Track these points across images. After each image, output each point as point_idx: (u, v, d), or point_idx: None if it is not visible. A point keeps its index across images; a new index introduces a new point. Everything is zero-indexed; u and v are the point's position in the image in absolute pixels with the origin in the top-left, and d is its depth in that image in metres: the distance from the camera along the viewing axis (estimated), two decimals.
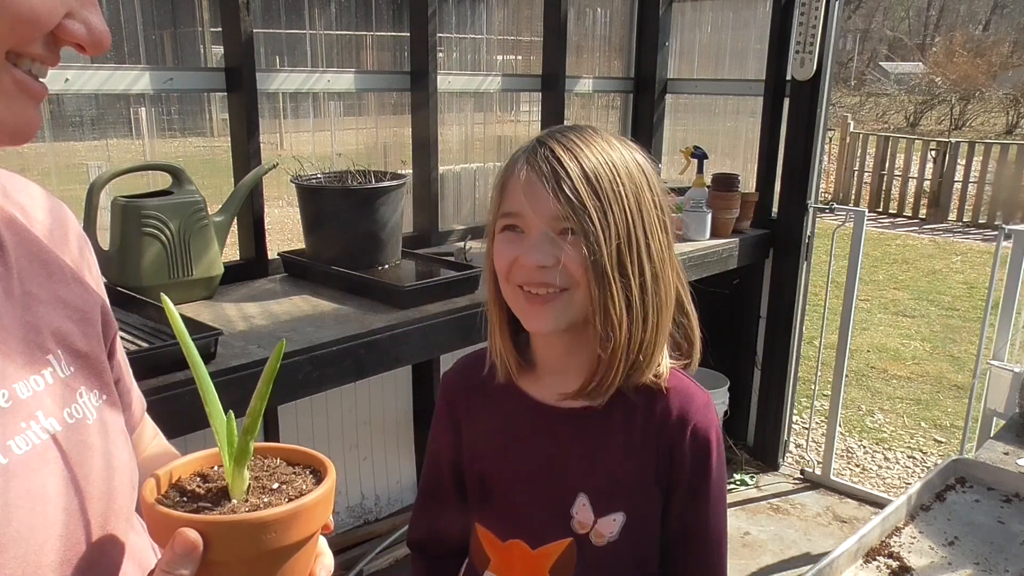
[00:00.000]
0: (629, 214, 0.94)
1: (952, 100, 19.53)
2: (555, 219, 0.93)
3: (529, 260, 0.94)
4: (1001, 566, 1.19)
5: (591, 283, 0.93)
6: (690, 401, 1.02)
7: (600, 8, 3.45)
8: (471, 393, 1.10)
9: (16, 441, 0.57)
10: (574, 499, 1.02)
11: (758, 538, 2.86)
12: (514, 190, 0.96)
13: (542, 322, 0.97)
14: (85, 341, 0.68)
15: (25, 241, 0.67)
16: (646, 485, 1.02)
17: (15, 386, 0.59)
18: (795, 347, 3.26)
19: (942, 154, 9.52)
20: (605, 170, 0.94)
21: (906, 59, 24.62)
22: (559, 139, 0.95)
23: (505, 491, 1.06)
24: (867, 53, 27.62)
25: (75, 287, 0.69)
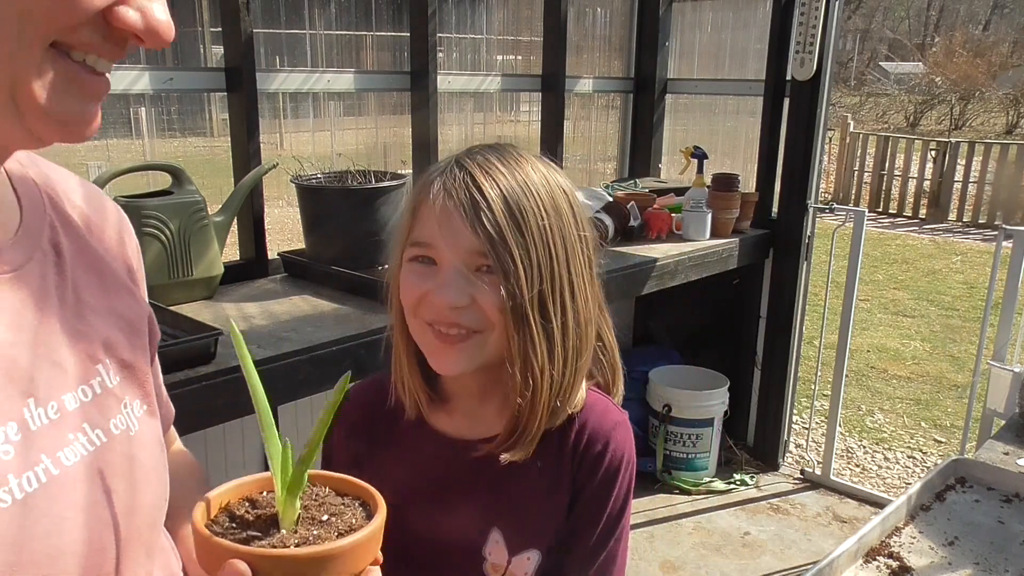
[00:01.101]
0: (553, 251, 0.86)
1: (952, 100, 19.53)
2: (472, 254, 0.84)
3: (441, 299, 0.85)
4: (1001, 566, 1.19)
5: (509, 326, 0.85)
6: (602, 419, 0.96)
7: (600, 8, 3.45)
8: (374, 429, 0.99)
9: (65, 452, 0.57)
10: (487, 537, 0.94)
11: (758, 538, 2.86)
12: (427, 217, 0.86)
13: (451, 364, 0.89)
14: (131, 351, 0.67)
15: (83, 250, 0.66)
16: (559, 517, 0.95)
17: (64, 397, 0.59)
18: (795, 347, 3.26)
19: (942, 154, 9.52)
20: (529, 201, 0.85)
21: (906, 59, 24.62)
22: (479, 162, 0.86)
23: (414, 536, 0.94)
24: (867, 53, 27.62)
25: (126, 297, 0.69)
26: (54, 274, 0.61)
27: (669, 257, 2.63)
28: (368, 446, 1.00)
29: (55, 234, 0.63)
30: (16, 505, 0.52)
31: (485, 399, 0.96)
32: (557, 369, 0.88)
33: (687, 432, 3.15)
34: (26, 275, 0.58)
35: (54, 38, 0.50)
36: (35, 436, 0.55)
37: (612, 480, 0.95)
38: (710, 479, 3.21)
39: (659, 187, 3.21)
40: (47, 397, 0.57)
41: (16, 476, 0.52)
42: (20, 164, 0.64)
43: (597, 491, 0.95)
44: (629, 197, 2.91)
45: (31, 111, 0.51)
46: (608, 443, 0.95)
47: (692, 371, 3.32)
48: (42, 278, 0.60)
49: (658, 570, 2.68)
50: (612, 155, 3.72)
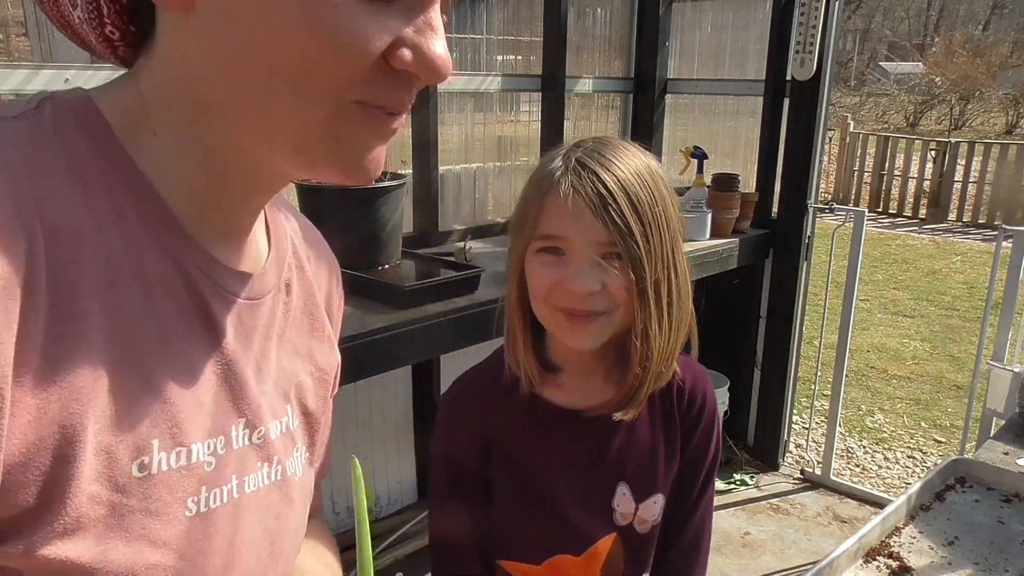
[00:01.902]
0: (667, 235, 0.97)
1: (952, 100, 19.54)
2: (601, 244, 0.93)
3: (577, 287, 0.94)
4: (1001, 566, 1.19)
5: (634, 305, 0.95)
6: (696, 375, 1.12)
7: (600, 8, 3.45)
8: (493, 404, 1.07)
9: (249, 479, 0.59)
10: (615, 491, 1.06)
11: (758, 538, 2.86)
12: (557, 212, 0.95)
13: (584, 342, 0.98)
14: (315, 400, 0.69)
15: (305, 293, 0.68)
16: (676, 464, 1.09)
17: (270, 425, 0.61)
18: (795, 347, 3.26)
19: (942, 154, 9.52)
20: (644, 192, 0.95)
21: (906, 59, 24.62)
22: (597, 158, 0.95)
23: (546, 503, 1.05)
24: (867, 53, 27.63)
25: (327, 347, 0.71)
26: (281, 312, 0.64)
27: None
28: (492, 426, 1.07)
29: (290, 272, 0.66)
30: (198, 517, 0.53)
31: (592, 371, 1.05)
32: (666, 338, 0.99)
33: None
34: (263, 306, 0.61)
35: (350, 95, 0.50)
36: (233, 455, 0.57)
37: (711, 424, 1.12)
38: None
39: None
40: (258, 422, 0.60)
41: (208, 490, 0.54)
42: (277, 211, 0.67)
43: (702, 437, 1.11)
44: None
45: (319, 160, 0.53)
46: (705, 395, 1.11)
47: None
48: (271, 313, 0.63)
49: None
50: None
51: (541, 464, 1.05)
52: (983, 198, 9.24)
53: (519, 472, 1.06)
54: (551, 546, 1.06)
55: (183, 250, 0.54)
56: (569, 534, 1.05)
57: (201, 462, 0.54)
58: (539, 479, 1.05)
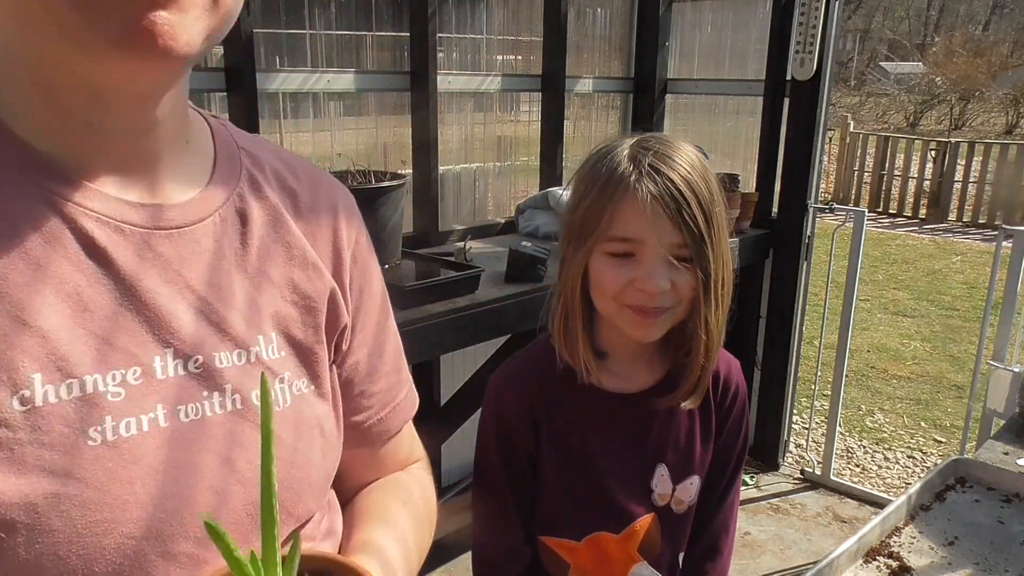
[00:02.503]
0: (724, 234, 1.02)
1: (952, 100, 19.54)
2: (674, 246, 0.99)
3: (651, 287, 0.99)
4: (1001, 566, 1.18)
5: (699, 302, 1.01)
6: (730, 366, 1.19)
7: (600, 8, 3.45)
8: (544, 389, 1.12)
9: (187, 408, 0.58)
10: (654, 472, 1.11)
11: (758, 538, 2.86)
12: (634, 216, 0.98)
13: (651, 334, 1.04)
14: (303, 329, 0.67)
15: (276, 223, 0.68)
16: (711, 445, 1.15)
17: (215, 354, 0.60)
18: (795, 347, 3.26)
19: (942, 154, 9.52)
20: (708, 194, 1.00)
21: (906, 59, 24.62)
22: (668, 163, 0.99)
23: (589, 482, 1.10)
24: (867, 53, 27.63)
25: (311, 273, 0.69)
26: (236, 241, 0.64)
27: None
28: (543, 410, 1.12)
29: (244, 204, 0.66)
30: (104, 446, 0.53)
31: (638, 357, 1.12)
32: (720, 329, 1.06)
33: None
34: (191, 234, 0.61)
35: None
36: (158, 385, 0.56)
37: (742, 412, 1.19)
38: None
39: None
40: (192, 351, 0.59)
41: (115, 419, 0.54)
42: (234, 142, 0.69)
43: (734, 424, 1.18)
44: None
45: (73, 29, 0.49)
46: (738, 385, 1.19)
47: None
48: (214, 241, 0.62)
49: None
50: None
51: (586, 445, 1.10)
52: (983, 198, 9.24)
53: (564, 451, 1.11)
54: (592, 524, 1.11)
55: (55, 187, 0.54)
56: (609, 513, 1.11)
57: (100, 392, 0.53)
58: (583, 459, 1.10)
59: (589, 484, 1.11)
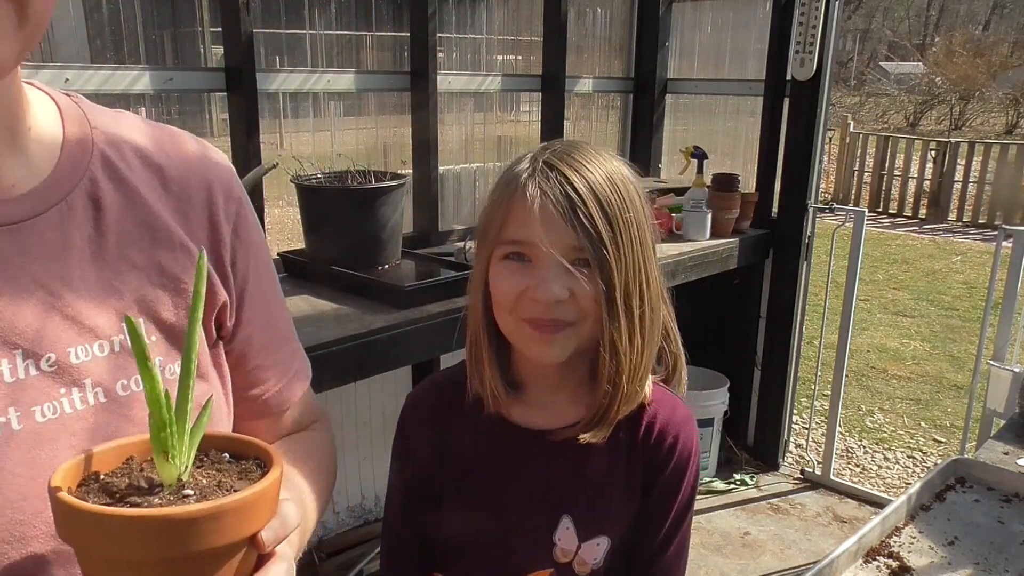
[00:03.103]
0: (636, 241, 0.91)
1: (952, 100, 19.53)
2: (569, 249, 0.88)
3: (543, 294, 0.88)
4: (1001, 566, 1.18)
5: (602, 315, 0.90)
6: (672, 413, 1.01)
7: (600, 8, 3.45)
8: (452, 418, 1.02)
9: (43, 408, 0.56)
10: (557, 523, 0.98)
11: (758, 538, 2.86)
12: (523, 216, 0.89)
13: (551, 354, 0.92)
14: (174, 312, 0.65)
15: (136, 204, 0.65)
16: (630, 505, 0.99)
17: (70, 350, 0.58)
18: (795, 347, 3.26)
19: (942, 154, 9.52)
20: (615, 197, 0.90)
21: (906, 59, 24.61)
22: (567, 161, 0.91)
23: (490, 526, 0.99)
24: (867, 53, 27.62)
25: (179, 254, 0.67)
26: (89, 228, 0.61)
27: (669, 257, 2.63)
28: (449, 440, 1.02)
29: (95, 188, 0.63)
30: None
31: (558, 389, 0.99)
32: (637, 354, 0.93)
33: None
34: (33, 227, 0.58)
35: None
36: (7, 389, 0.54)
37: (683, 471, 1.00)
38: (710, 479, 3.21)
39: (659, 187, 3.21)
40: (43, 349, 0.57)
41: None
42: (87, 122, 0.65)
43: (669, 482, 0.99)
44: None
45: None
46: (679, 436, 1.00)
47: (692, 371, 3.25)
48: (61, 231, 0.60)
49: None
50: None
51: (489, 484, 1.00)
52: (983, 198, 9.24)
53: (467, 489, 1.01)
54: (486, 569, 1.01)
55: None
56: (504, 561, 0.99)
57: None
58: (486, 500, 1.00)
59: (489, 527, 0.99)
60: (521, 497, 0.99)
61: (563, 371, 0.97)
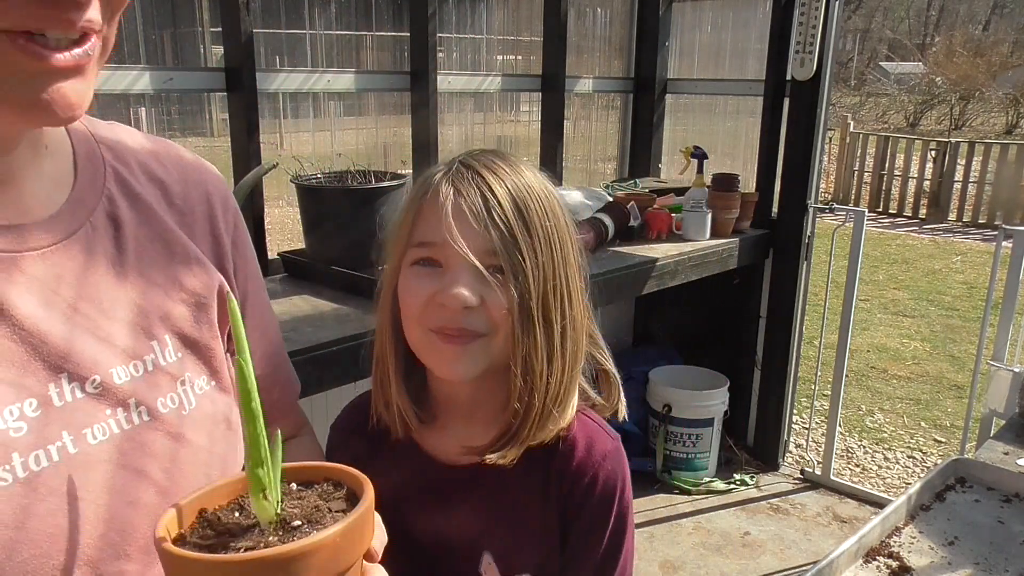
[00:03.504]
0: (555, 252, 0.86)
1: (952, 100, 19.53)
2: (481, 253, 0.82)
3: (452, 299, 0.81)
4: (1001, 566, 1.18)
5: (514, 328, 0.83)
6: (591, 448, 0.92)
7: (600, 8, 3.45)
8: (364, 444, 0.96)
9: (93, 429, 0.56)
10: (480, 560, 0.93)
11: (758, 538, 2.86)
12: (434, 216, 0.83)
13: (459, 368, 0.85)
14: (196, 327, 0.66)
15: (151, 220, 0.65)
16: (550, 540, 0.92)
17: (112, 371, 0.58)
18: (795, 347, 3.26)
19: (942, 154, 9.52)
20: (533, 203, 0.85)
21: (906, 59, 24.62)
22: (484, 163, 0.86)
23: (409, 553, 0.92)
24: (867, 53, 27.62)
25: (196, 269, 0.67)
26: (111, 247, 0.61)
27: (669, 257, 2.63)
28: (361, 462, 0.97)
29: (113, 207, 0.63)
30: (18, 484, 0.51)
31: (473, 415, 0.93)
32: (555, 375, 0.86)
33: (687, 432, 3.15)
34: (64, 250, 0.58)
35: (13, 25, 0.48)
36: (58, 412, 0.54)
37: (607, 505, 0.92)
38: (710, 479, 3.21)
39: (659, 187, 3.21)
40: (87, 372, 0.57)
41: (22, 455, 0.52)
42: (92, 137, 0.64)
43: (593, 517, 0.92)
44: (629, 197, 2.91)
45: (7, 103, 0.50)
46: (597, 475, 0.91)
47: (692, 371, 3.32)
48: (88, 253, 0.59)
49: (658, 570, 2.68)
50: (612, 155, 3.72)
51: (403, 519, 0.92)
52: (983, 198, 9.24)
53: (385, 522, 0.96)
54: None
55: None
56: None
57: (4, 430, 0.52)
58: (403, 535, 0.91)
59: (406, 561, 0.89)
60: (439, 535, 0.93)
61: (478, 394, 0.91)
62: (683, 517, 3.00)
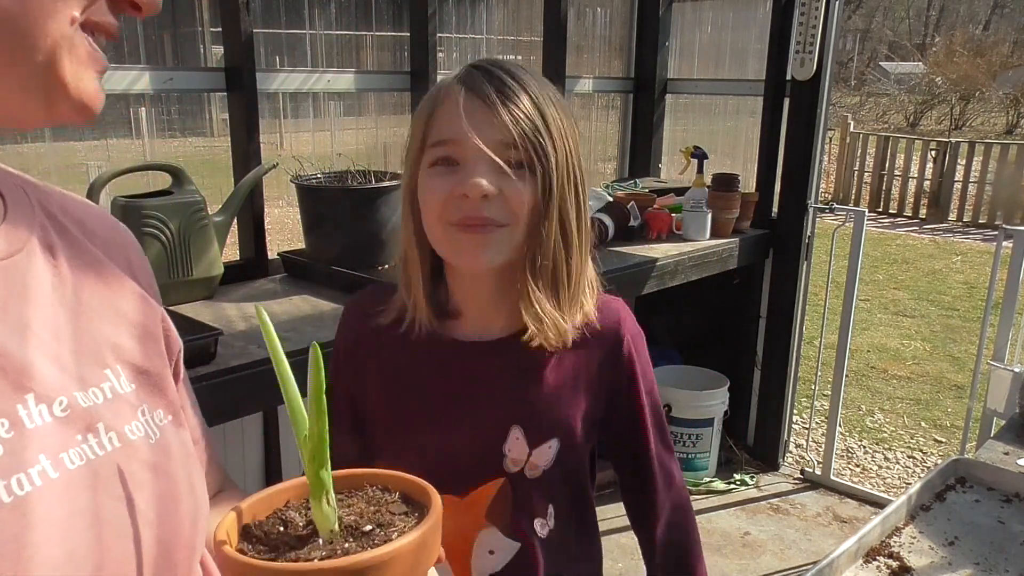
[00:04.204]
0: (570, 150, 0.88)
1: (952, 100, 19.53)
2: (501, 146, 0.83)
3: (472, 188, 0.82)
4: (1001, 566, 1.18)
5: (538, 220, 0.86)
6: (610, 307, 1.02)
7: (600, 8, 3.45)
8: (378, 334, 0.97)
9: (70, 454, 0.52)
10: (507, 434, 0.95)
11: (758, 538, 2.86)
12: (450, 115, 0.84)
13: (482, 258, 0.86)
14: (146, 357, 0.63)
15: (82, 253, 0.62)
16: (579, 405, 0.98)
17: (76, 394, 0.55)
18: (795, 347, 3.26)
19: (942, 154, 9.52)
20: (549, 100, 0.86)
21: (906, 59, 24.62)
22: (498, 64, 0.87)
23: (426, 440, 0.95)
24: (867, 53, 27.62)
25: (135, 301, 0.64)
26: (51, 275, 0.58)
27: (669, 257, 2.63)
28: (369, 354, 0.98)
29: (47, 236, 0.60)
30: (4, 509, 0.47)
31: (496, 307, 0.95)
32: (577, 265, 0.91)
33: (687, 432, 3.15)
34: (12, 267, 0.55)
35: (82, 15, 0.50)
36: (32, 434, 0.51)
37: (641, 354, 1.03)
38: (710, 479, 3.21)
39: (659, 187, 3.21)
40: (53, 392, 0.53)
41: (3, 478, 0.48)
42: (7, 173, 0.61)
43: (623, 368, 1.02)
44: (629, 197, 2.91)
45: (59, 90, 0.51)
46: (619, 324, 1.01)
47: (692, 371, 3.32)
48: (30, 277, 0.56)
49: None
50: (612, 155, 3.72)
51: (424, 402, 0.96)
52: (983, 198, 9.24)
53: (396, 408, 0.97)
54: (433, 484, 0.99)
55: None
56: (452, 478, 0.93)
57: None
58: (420, 419, 0.96)
59: (435, 447, 0.94)
60: (466, 415, 0.96)
61: (499, 286, 0.93)
62: None
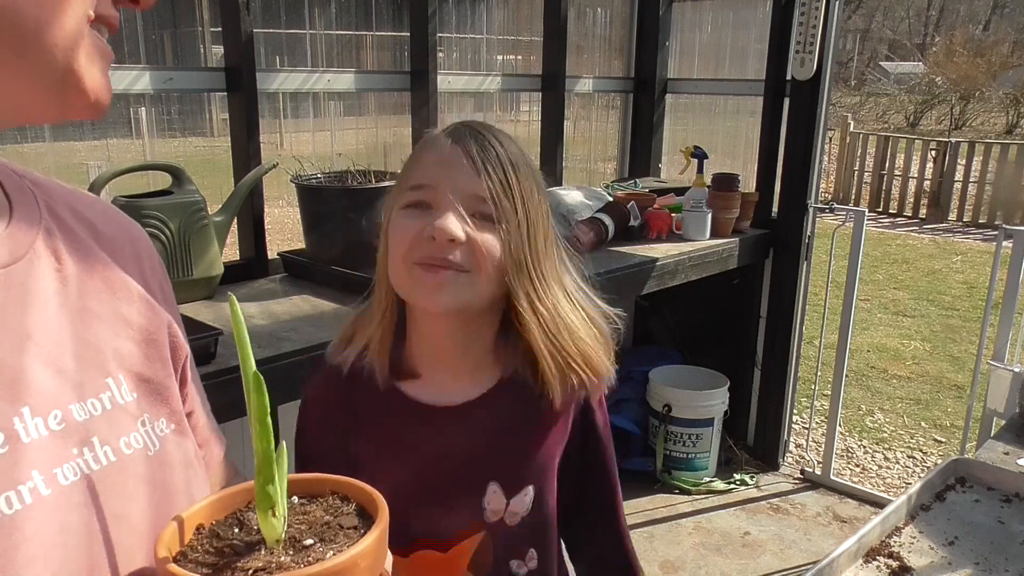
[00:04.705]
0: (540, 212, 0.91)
1: (952, 100, 19.53)
2: (473, 197, 0.86)
3: (439, 231, 0.83)
4: (1001, 566, 1.18)
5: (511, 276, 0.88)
6: None
7: (600, 8, 3.45)
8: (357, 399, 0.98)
9: (63, 470, 0.51)
10: (485, 490, 0.97)
11: (758, 538, 2.86)
12: (430, 161, 0.88)
13: (440, 298, 0.86)
14: (149, 365, 0.62)
15: (88, 257, 0.61)
16: (550, 448, 1.01)
17: (72, 407, 0.53)
18: (795, 347, 3.26)
19: (942, 154, 9.52)
20: (523, 165, 0.90)
21: (906, 59, 24.62)
22: (483, 127, 0.91)
23: (410, 502, 0.94)
24: (867, 53, 27.62)
25: (140, 306, 0.63)
26: (54, 280, 0.57)
27: (669, 257, 2.63)
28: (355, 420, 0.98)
29: (52, 240, 0.59)
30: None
31: (462, 360, 0.96)
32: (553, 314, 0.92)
33: (687, 432, 3.15)
34: (7, 277, 0.53)
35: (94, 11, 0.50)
36: (27, 449, 0.49)
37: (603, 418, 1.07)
38: (710, 479, 3.21)
39: (659, 187, 3.21)
40: (48, 405, 0.52)
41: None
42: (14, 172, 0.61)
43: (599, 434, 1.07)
44: (629, 197, 2.91)
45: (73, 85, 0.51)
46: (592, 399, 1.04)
47: (692, 371, 3.32)
48: (33, 282, 0.55)
49: (658, 570, 2.68)
50: (612, 155, 3.72)
51: (402, 462, 0.96)
52: (983, 198, 9.24)
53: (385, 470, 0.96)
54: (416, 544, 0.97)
55: None
56: (433, 531, 0.97)
57: None
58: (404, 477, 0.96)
59: (412, 506, 0.94)
60: (443, 475, 0.97)
61: (459, 349, 0.95)
62: (683, 517, 3.00)
